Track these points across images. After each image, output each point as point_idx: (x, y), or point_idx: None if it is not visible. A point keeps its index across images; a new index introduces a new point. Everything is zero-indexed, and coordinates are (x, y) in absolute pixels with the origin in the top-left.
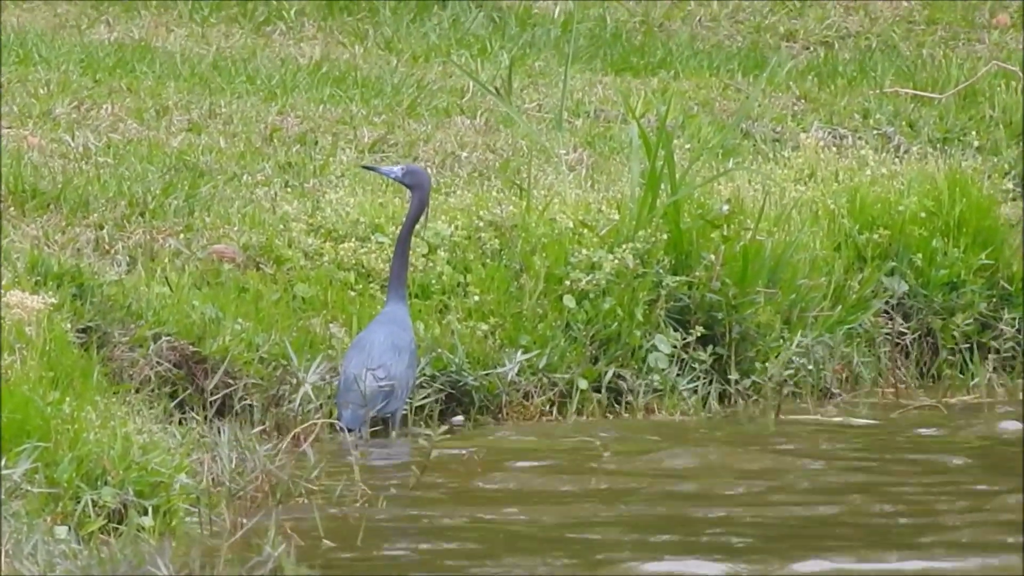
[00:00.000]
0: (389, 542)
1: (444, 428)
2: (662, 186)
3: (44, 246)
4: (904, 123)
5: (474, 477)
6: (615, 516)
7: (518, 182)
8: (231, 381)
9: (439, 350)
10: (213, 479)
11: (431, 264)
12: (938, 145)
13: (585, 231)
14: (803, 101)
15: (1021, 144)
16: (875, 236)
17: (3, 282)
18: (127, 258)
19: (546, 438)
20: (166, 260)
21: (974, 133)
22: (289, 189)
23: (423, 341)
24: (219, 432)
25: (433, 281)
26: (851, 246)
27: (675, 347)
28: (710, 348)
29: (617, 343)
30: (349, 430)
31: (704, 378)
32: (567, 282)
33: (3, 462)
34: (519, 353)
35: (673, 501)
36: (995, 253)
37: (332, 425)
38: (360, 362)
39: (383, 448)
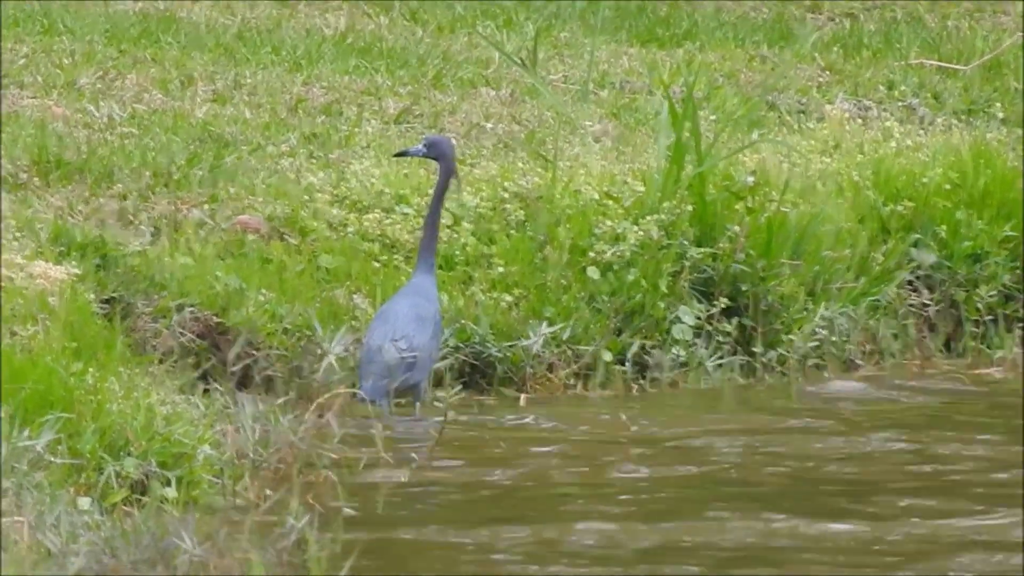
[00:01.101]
0: (411, 513)
1: (457, 389)
2: (687, 157)
3: (68, 216)
4: (929, 95)
5: (497, 448)
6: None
7: (543, 153)
8: (254, 352)
9: (463, 321)
10: (236, 450)
11: (456, 235)
12: (963, 117)
13: (610, 203)
14: (828, 72)
15: None
16: (899, 208)
17: (27, 252)
18: (151, 229)
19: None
20: (190, 231)
21: (999, 105)
22: (314, 160)
23: (447, 312)
24: (242, 404)
25: (457, 252)
26: (875, 218)
27: (699, 319)
28: (735, 320)
29: (641, 315)
30: (371, 401)
31: (728, 350)
32: (591, 253)
33: (26, 433)
34: (543, 325)
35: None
36: (1019, 225)
37: (354, 395)
38: (383, 333)
39: (406, 419)
